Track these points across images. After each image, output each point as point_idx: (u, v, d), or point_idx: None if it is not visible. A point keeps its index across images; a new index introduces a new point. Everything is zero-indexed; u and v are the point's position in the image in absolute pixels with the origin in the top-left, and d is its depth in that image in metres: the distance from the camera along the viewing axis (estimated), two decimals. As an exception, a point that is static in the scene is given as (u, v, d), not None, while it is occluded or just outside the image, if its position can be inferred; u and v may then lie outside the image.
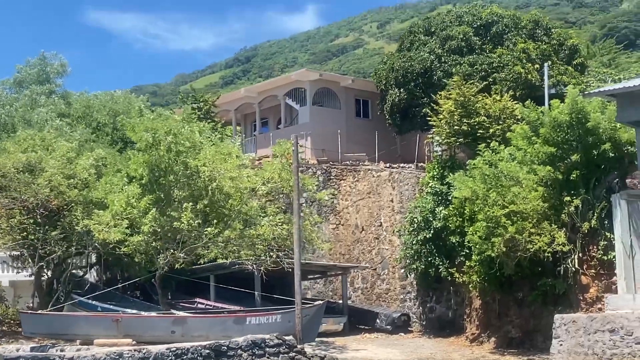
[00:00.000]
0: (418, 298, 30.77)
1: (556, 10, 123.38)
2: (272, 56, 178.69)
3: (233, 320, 23.25)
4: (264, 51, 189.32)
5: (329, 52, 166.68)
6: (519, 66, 34.01)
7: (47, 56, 35.06)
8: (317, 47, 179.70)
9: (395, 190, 32.11)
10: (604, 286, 23.77)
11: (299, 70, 39.84)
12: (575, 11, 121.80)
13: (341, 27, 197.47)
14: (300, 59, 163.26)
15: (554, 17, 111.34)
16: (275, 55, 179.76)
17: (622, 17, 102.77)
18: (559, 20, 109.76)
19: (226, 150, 24.82)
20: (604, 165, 24.47)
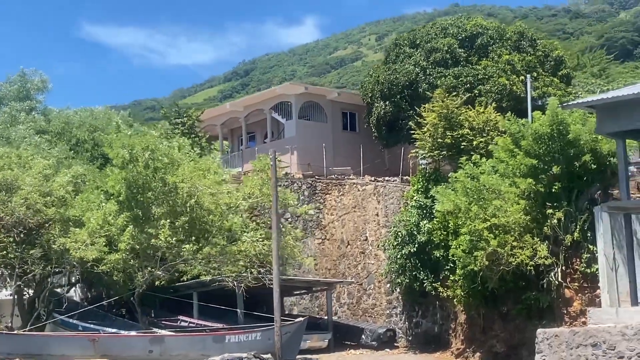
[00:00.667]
0: (404, 313, 30.43)
1: (554, 21, 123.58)
2: (271, 69, 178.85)
3: (212, 339, 22.98)
4: (263, 64, 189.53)
5: (327, 65, 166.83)
6: (504, 78, 33.88)
7: (27, 72, 34.86)
8: (316, 59, 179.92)
9: (380, 204, 31.85)
10: (587, 299, 23.49)
11: (284, 84, 39.70)
12: (572, 22, 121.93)
13: (339, 40, 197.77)
14: (299, 72, 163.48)
15: (551, 28, 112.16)
16: (274, 68, 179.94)
17: (619, 27, 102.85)
18: (556, 31, 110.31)
19: (205, 166, 24.54)
20: (586, 177, 24.23)
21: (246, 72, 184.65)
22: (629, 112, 20.96)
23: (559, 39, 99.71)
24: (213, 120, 43.51)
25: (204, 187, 23.46)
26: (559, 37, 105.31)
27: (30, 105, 34.37)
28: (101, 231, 23.57)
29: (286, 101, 39.74)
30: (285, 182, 35.53)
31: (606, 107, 21.54)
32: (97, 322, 29.17)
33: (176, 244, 23.42)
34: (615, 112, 21.21)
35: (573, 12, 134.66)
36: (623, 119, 21.07)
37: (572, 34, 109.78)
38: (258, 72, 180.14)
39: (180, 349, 22.56)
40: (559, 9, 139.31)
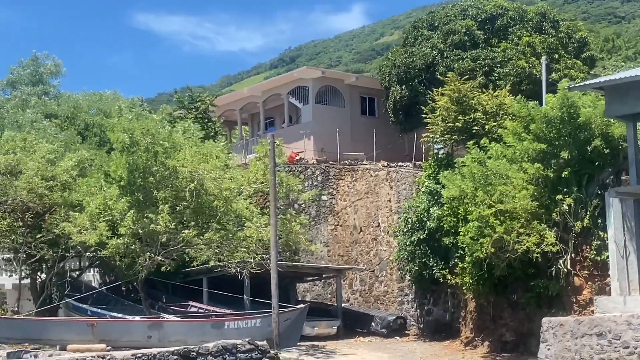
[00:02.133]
0: (415, 300, 29.91)
1: (605, 4, 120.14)
2: (317, 56, 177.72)
3: (211, 325, 22.73)
4: (309, 51, 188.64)
5: (373, 51, 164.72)
6: (523, 60, 33.00)
7: (39, 56, 34.80)
8: (361, 46, 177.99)
9: (392, 190, 31.30)
10: (597, 288, 22.74)
11: (301, 68, 39.22)
12: (624, 5, 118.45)
13: (386, 26, 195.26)
14: (344, 58, 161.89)
15: (601, 12, 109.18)
16: (319, 55, 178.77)
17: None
18: (607, 14, 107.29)
19: (207, 150, 24.22)
20: (597, 162, 23.43)
21: (292, 59, 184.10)
22: (638, 94, 20.18)
23: (609, 23, 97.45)
24: (232, 105, 43.24)
25: (205, 171, 23.11)
26: (609, 20, 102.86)
27: (44, 90, 34.43)
28: (102, 216, 23.41)
29: (303, 85, 39.29)
30: (299, 167, 35.15)
31: (615, 89, 20.76)
32: (109, 307, 29.19)
33: (177, 229, 23.16)
34: (625, 94, 20.45)
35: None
36: (632, 101, 20.30)
37: (623, 18, 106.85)
38: (304, 59, 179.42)
39: (179, 334, 22.38)
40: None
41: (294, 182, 27.02)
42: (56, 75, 34.43)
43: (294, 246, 26.12)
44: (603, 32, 77.56)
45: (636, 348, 18.95)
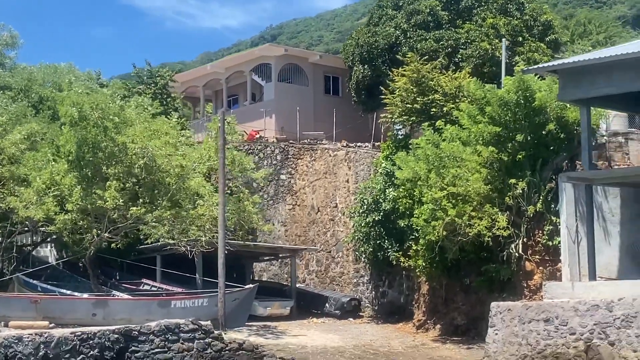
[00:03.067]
0: (371, 282, 29.74)
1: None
2: (298, 35, 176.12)
3: (157, 304, 22.40)
4: (290, 29, 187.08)
5: (354, 31, 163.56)
6: (486, 42, 32.68)
7: (-6, 27, 33.89)
8: (343, 25, 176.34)
9: (351, 171, 31.01)
10: (548, 273, 22.71)
11: (264, 45, 38.65)
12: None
13: (368, 6, 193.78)
14: (325, 38, 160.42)
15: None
16: (301, 33, 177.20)
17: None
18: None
19: (156, 126, 23.70)
20: (552, 146, 23.30)
21: (273, 37, 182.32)
22: (592, 78, 19.99)
23: (590, 7, 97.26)
24: (195, 81, 42.58)
25: (154, 147, 22.61)
26: (590, 5, 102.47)
27: (0, 61, 33.61)
28: (50, 191, 22.87)
29: (267, 63, 38.75)
30: (258, 146, 34.74)
31: (569, 73, 20.53)
32: (61, 284, 28.71)
33: (126, 206, 22.68)
34: (578, 78, 20.24)
35: None
36: (586, 85, 20.10)
37: (604, 3, 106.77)
38: (285, 37, 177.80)
39: (124, 313, 22.02)
40: None
41: (247, 161, 26.58)
42: (12, 47, 33.62)
43: (247, 225, 25.73)
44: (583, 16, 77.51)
45: (582, 334, 18.85)
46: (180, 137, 24.62)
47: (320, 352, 21.61)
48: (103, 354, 18.58)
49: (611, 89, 19.69)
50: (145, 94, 33.39)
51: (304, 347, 22.43)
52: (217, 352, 19.47)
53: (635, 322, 17.94)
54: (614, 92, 19.76)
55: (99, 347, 18.53)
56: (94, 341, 18.68)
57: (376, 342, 23.90)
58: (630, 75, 19.26)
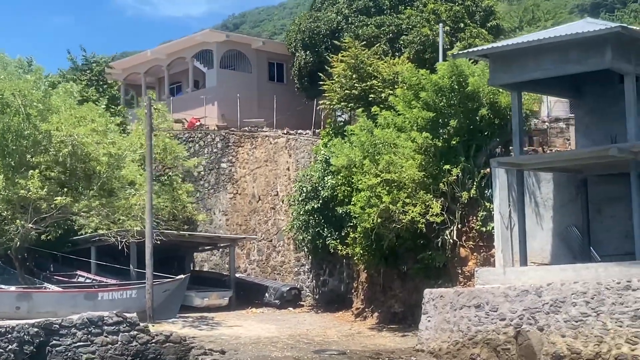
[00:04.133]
0: (312, 271, 29.42)
1: None
2: (261, 23, 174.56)
3: (84, 296, 21.84)
4: (253, 18, 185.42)
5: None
6: (427, 28, 32.44)
7: None
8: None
9: (291, 158, 30.61)
10: (482, 259, 22.60)
11: (204, 30, 37.94)
12: None
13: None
14: (288, 27, 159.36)
15: None
16: (264, 22, 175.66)
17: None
18: None
19: (81, 113, 23.00)
20: (487, 132, 23.16)
21: (235, 26, 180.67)
22: (522, 62, 19.84)
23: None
24: (136, 68, 41.70)
25: (79, 135, 21.90)
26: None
27: None
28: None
29: (208, 49, 38.11)
30: (199, 133, 34.17)
31: (500, 57, 20.36)
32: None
33: (50, 196, 21.99)
34: (509, 62, 20.08)
35: None
36: (516, 70, 19.95)
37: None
38: (247, 26, 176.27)
39: (49, 305, 21.39)
40: None
41: (179, 149, 26.01)
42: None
43: (181, 215, 25.20)
44: (530, 3, 77.80)
45: (512, 320, 18.77)
46: (109, 124, 23.90)
47: (252, 343, 21.23)
48: (22, 348, 18.05)
49: (540, 73, 19.58)
50: (80, 81, 32.62)
51: (237, 337, 22.04)
52: (143, 345, 19.02)
53: (563, 307, 17.89)
54: (543, 76, 19.66)
55: (17, 341, 17.99)
56: (13, 335, 18.12)
57: (312, 331, 23.59)
58: (558, 59, 19.17)
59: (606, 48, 18.42)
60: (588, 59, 18.84)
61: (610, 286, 17.48)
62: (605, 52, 18.46)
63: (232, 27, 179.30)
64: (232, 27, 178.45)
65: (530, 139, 25.05)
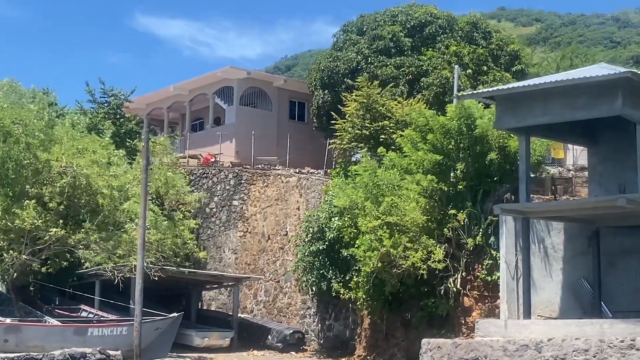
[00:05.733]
0: (317, 314, 28.58)
1: (602, 29, 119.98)
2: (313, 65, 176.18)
3: (73, 331, 21.31)
4: (305, 60, 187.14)
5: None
6: (447, 70, 31.88)
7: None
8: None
9: (302, 198, 29.99)
10: (487, 309, 21.62)
11: (225, 67, 37.82)
12: (621, 31, 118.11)
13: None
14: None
15: (598, 36, 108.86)
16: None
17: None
18: (603, 39, 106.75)
19: (82, 144, 22.73)
20: (495, 177, 22.35)
21: (288, 68, 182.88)
22: (529, 106, 19.02)
23: (605, 47, 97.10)
24: (159, 103, 41.74)
25: (79, 166, 21.59)
26: (605, 45, 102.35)
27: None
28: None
29: (229, 86, 37.94)
30: (212, 170, 33.80)
31: (506, 100, 19.57)
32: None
33: (46, 227, 21.64)
34: (515, 106, 19.28)
35: (622, 20, 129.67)
36: (523, 114, 19.13)
37: (619, 43, 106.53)
38: (299, 68, 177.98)
39: (37, 339, 20.89)
40: (608, 17, 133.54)
41: (180, 183, 25.58)
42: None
43: (181, 251, 24.68)
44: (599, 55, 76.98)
45: (510, 376, 17.78)
46: (112, 157, 23.59)
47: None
48: (0, 382, 17.59)
49: (548, 118, 18.73)
50: (97, 114, 32.57)
51: (230, 381, 21.32)
52: (124, 384, 18.42)
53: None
54: (551, 121, 18.83)
55: (-5, 375, 17.53)
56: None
57: (310, 377, 22.76)
58: (567, 104, 18.34)
59: (616, 94, 17.57)
60: (597, 105, 17.99)
61: (613, 344, 16.48)
62: (615, 98, 17.61)
63: (285, 68, 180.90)
64: (284, 69, 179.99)
65: (554, 187, 24.23)
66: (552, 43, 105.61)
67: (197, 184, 33.61)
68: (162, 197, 25.84)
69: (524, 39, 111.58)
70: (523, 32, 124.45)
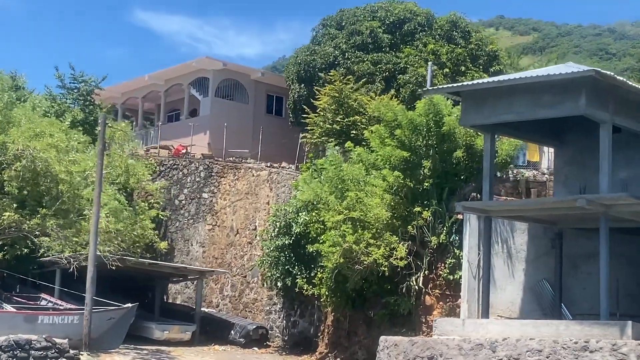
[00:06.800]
0: (283, 310, 28.17)
1: (597, 40, 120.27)
2: None
3: (23, 318, 20.79)
4: None
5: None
6: (424, 68, 31.52)
7: None
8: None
9: (272, 192, 29.57)
10: (448, 308, 21.31)
11: (201, 57, 37.33)
12: (616, 43, 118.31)
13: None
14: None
15: (594, 47, 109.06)
16: None
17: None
18: (599, 50, 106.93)
19: (40, 127, 22.21)
20: (462, 175, 22.02)
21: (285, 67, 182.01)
22: (494, 103, 18.60)
23: (600, 59, 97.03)
24: (134, 92, 41.23)
25: (35, 149, 21.07)
26: (600, 56, 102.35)
27: None
28: None
29: (205, 77, 37.48)
30: (183, 161, 33.35)
31: (472, 96, 19.13)
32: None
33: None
34: (480, 103, 18.86)
35: (618, 32, 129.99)
36: (487, 111, 18.71)
37: (614, 55, 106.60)
38: None
39: (-14, 326, 20.40)
40: (604, 29, 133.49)
41: (141, 171, 25.09)
42: None
43: (141, 241, 24.19)
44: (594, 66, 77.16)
45: (465, 375, 17.43)
46: (72, 142, 23.08)
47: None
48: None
49: (512, 116, 18.29)
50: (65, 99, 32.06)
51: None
52: (70, 374, 17.98)
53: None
54: (515, 119, 18.40)
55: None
56: None
57: (267, 373, 22.35)
58: (531, 102, 17.96)
59: (580, 93, 17.18)
60: (561, 104, 17.62)
61: (567, 345, 16.13)
62: (579, 98, 17.21)
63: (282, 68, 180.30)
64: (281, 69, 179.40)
65: (528, 190, 23.91)
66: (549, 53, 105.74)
67: (167, 175, 33.15)
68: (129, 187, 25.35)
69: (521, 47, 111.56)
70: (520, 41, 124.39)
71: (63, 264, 23.47)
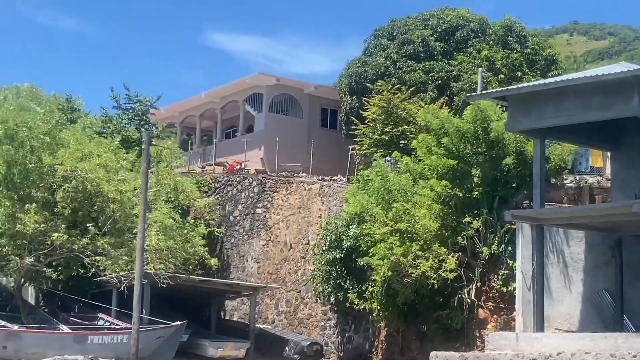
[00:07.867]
0: (337, 326, 27.65)
1: None
2: None
3: (73, 338, 20.88)
4: None
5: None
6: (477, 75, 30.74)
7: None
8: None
9: (324, 205, 29.16)
10: (503, 322, 20.54)
11: (254, 74, 37.30)
12: None
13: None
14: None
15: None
16: None
17: None
18: None
19: (88, 148, 22.36)
20: (513, 182, 21.24)
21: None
22: (542, 107, 17.96)
23: None
24: (192, 111, 41.51)
25: (84, 170, 21.20)
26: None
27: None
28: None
29: (259, 93, 37.45)
30: (237, 177, 33.26)
31: (519, 101, 18.51)
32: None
33: (45, 231, 21.31)
34: (528, 107, 18.23)
35: None
36: (534, 115, 18.07)
37: None
38: None
39: (37, 346, 20.52)
40: None
41: (189, 188, 25.02)
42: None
43: (192, 258, 24.10)
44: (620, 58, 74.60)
45: (518, 392, 16.69)
46: (121, 161, 23.19)
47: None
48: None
49: (561, 120, 17.61)
50: (120, 119, 32.42)
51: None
52: (115, 394, 17.89)
53: (571, 381, 15.74)
54: (564, 122, 17.67)
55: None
56: (-20, 375, 17.36)
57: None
58: (581, 104, 17.22)
59: (632, 93, 16.41)
60: (613, 105, 16.82)
61: (625, 359, 15.29)
62: (631, 98, 16.43)
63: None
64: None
65: (592, 197, 22.99)
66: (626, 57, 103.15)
67: (222, 192, 33.13)
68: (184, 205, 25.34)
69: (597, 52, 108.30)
70: (596, 46, 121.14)
71: (114, 283, 23.49)
